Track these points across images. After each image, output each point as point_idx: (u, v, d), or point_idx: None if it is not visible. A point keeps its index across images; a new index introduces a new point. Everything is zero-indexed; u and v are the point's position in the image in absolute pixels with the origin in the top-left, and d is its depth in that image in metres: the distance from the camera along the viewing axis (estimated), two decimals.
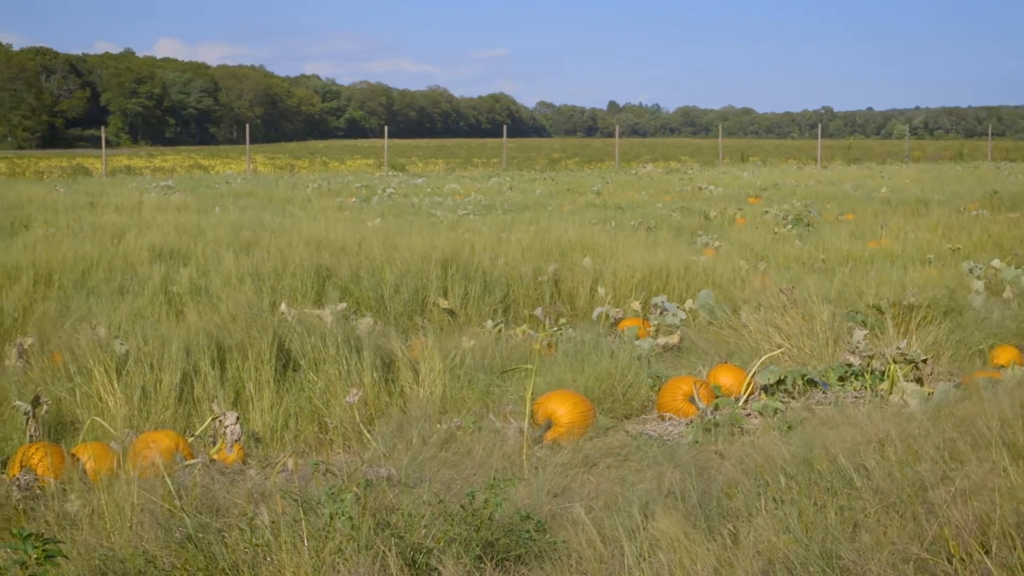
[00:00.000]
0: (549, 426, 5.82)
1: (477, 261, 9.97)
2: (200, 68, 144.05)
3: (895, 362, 6.59)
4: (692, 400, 6.41)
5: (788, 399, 6.60)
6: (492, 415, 5.94)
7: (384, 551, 3.67)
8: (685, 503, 4.20)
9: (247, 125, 48.71)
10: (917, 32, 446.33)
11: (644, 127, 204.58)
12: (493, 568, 3.77)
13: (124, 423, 5.89)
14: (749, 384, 6.72)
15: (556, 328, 8.55)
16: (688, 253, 12.03)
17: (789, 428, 5.67)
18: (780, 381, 6.71)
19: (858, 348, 6.88)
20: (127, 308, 8.53)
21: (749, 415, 6.39)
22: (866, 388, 6.55)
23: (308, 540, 3.73)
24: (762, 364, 6.88)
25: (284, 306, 8.11)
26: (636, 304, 9.32)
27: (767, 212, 18.00)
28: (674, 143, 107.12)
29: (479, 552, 3.80)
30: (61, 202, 18.99)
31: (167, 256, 11.32)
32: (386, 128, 50.56)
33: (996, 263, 10.39)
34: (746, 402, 6.61)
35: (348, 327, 7.35)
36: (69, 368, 6.40)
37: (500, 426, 5.69)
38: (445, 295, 9.39)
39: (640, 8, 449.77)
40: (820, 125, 68.34)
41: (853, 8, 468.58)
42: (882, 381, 6.56)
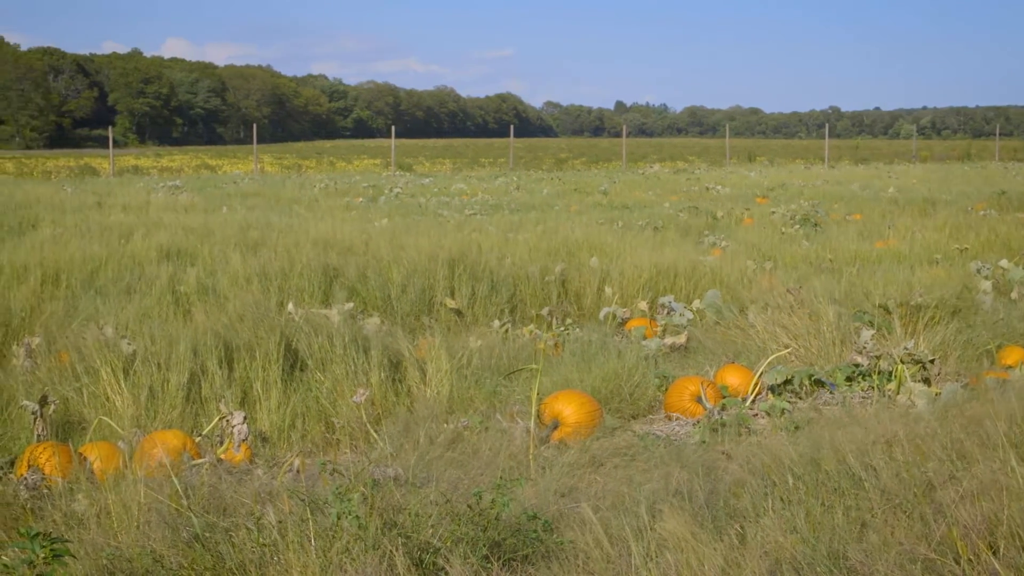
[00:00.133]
0: (556, 426, 5.82)
1: (484, 261, 9.97)
2: (207, 68, 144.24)
3: (902, 362, 6.58)
4: (699, 400, 6.40)
5: (795, 399, 6.60)
6: (499, 415, 5.94)
7: (391, 551, 3.67)
8: (692, 503, 4.19)
9: (254, 125, 48.81)
10: (924, 32, 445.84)
11: (651, 127, 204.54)
12: (500, 568, 3.77)
13: (131, 423, 5.90)
14: (756, 384, 6.71)
15: (563, 328, 8.55)
16: (695, 253, 12.02)
17: (796, 428, 5.67)
18: (787, 381, 6.71)
19: (865, 348, 6.87)
20: (134, 308, 8.54)
21: (756, 415, 6.38)
22: (873, 388, 6.54)
23: (315, 540, 3.73)
24: (769, 364, 6.87)
25: (291, 306, 8.11)
26: (643, 304, 9.31)
27: (774, 212, 17.98)
28: (681, 143, 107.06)
29: (486, 552, 3.80)
30: (68, 202, 19.02)
31: (174, 256, 11.35)
32: (393, 128, 50.55)
33: (1004, 263, 10.36)
34: (753, 402, 6.60)
35: (355, 327, 7.35)
36: (76, 368, 6.41)
37: (507, 426, 5.69)
38: (452, 295, 9.39)
39: (647, 8, 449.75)
40: (827, 125, 68.14)
41: (860, 8, 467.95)
42: (889, 381, 6.55)
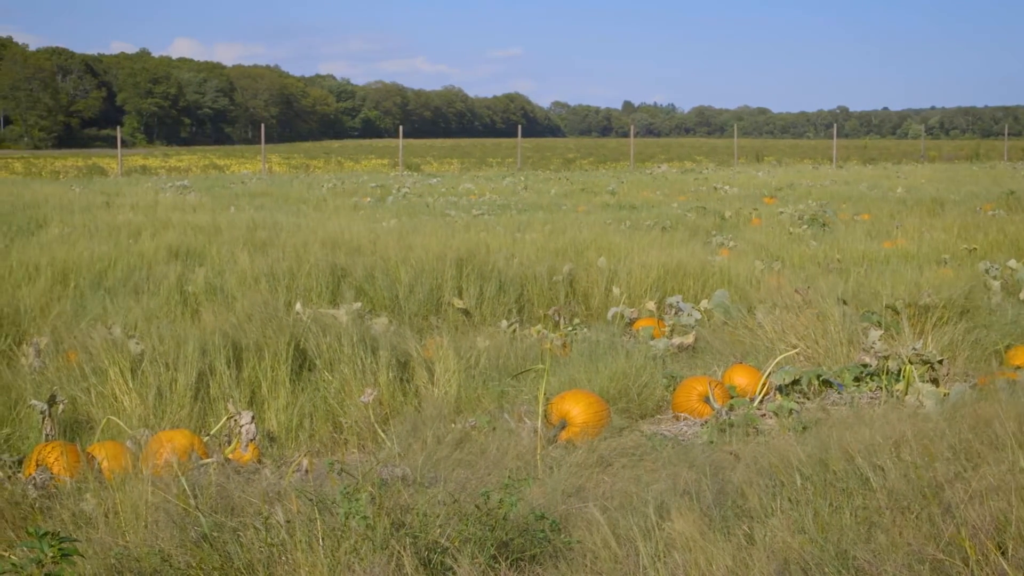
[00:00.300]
0: (563, 426, 5.82)
1: (492, 261, 9.96)
2: (215, 68, 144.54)
3: (911, 363, 6.56)
4: (707, 400, 6.40)
5: (803, 400, 6.58)
6: (507, 415, 5.94)
7: (399, 550, 3.67)
8: (700, 503, 4.19)
9: (262, 125, 48.75)
10: (932, 32, 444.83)
11: (659, 127, 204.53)
12: (508, 568, 3.77)
13: (139, 422, 5.92)
14: (764, 384, 6.70)
15: (571, 328, 8.55)
16: (703, 253, 12.00)
17: (804, 429, 5.66)
18: (795, 382, 6.69)
19: (873, 348, 6.85)
20: (142, 308, 8.56)
21: (764, 415, 6.37)
22: (881, 389, 6.53)
23: (323, 539, 3.73)
24: (777, 364, 6.86)
25: (299, 306, 8.12)
26: (651, 304, 9.30)
27: (782, 212, 17.96)
28: (689, 143, 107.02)
29: (494, 552, 3.80)
30: (77, 201, 19.06)
31: (182, 256, 11.36)
32: (400, 128, 50.67)
33: (1013, 263, 10.34)
34: (761, 402, 6.59)
35: (363, 327, 7.36)
36: (84, 367, 6.42)
37: (515, 426, 5.69)
38: (460, 295, 9.39)
39: (655, 8, 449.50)
40: (835, 125, 68.18)
41: (869, 8, 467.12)
42: (897, 382, 6.53)
